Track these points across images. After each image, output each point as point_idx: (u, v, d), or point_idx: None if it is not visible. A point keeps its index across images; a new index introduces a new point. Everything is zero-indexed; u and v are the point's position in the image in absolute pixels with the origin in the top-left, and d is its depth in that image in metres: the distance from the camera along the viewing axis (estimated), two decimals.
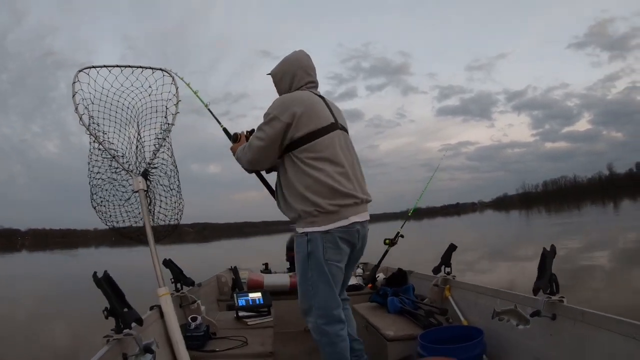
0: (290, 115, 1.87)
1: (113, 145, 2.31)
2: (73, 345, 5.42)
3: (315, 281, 1.88)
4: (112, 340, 1.59)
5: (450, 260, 2.80)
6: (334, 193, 1.85)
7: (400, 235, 3.84)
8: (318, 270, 1.87)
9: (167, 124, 2.42)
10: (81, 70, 2.20)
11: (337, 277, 1.92)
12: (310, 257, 1.87)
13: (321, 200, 1.83)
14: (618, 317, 1.45)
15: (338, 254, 1.88)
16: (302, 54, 2.13)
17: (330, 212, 1.84)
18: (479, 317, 2.31)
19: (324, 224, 1.85)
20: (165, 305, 2.06)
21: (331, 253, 1.86)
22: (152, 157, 2.38)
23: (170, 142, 2.44)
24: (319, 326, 1.89)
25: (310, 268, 1.88)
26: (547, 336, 1.75)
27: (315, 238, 1.86)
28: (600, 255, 10.06)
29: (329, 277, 1.87)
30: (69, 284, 12.67)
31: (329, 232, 1.84)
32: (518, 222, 35.78)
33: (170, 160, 2.43)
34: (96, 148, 2.26)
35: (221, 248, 32.35)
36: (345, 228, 1.86)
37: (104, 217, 2.38)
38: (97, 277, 1.63)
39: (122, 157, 2.31)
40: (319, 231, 1.85)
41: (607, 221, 23.67)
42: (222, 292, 3.77)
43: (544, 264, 1.78)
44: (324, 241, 1.85)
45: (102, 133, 2.26)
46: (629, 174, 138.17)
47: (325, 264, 1.86)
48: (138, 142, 2.41)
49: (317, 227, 1.85)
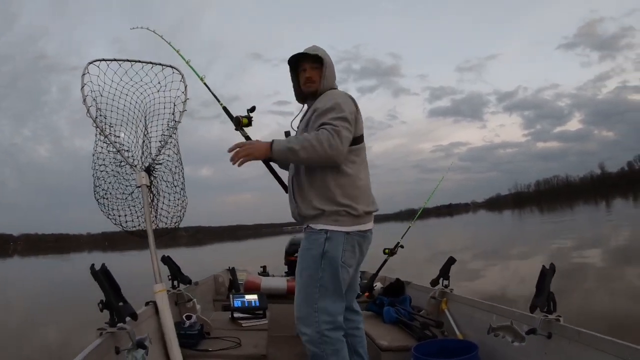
0: (354, 115, 1.83)
1: (118, 138, 2.32)
2: (65, 344, 5.43)
3: (325, 282, 1.79)
4: (106, 333, 1.59)
5: (448, 273, 2.78)
6: (366, 198, 1.85)
7: (400, 246, 3.82)
8: (332, 271, 1.78)
9: (174, 121, 2.43)
10: (91, 62, 2.22)
11: (346, 282, 1.84)
12: (325, 256, 1.78)
13: (353, 202, 1.80)
14: (613, 339, 1.44)
15: (353, 258, 1.83)
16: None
17: (358, 215, 1.80)
18: (475, 331, 2.30)
19: (347, 225, 1.79)
20: (160, 301, 2.06)
21: (348, 256, 1.80)
22: (157, 153, 2.38)
23: (176, 139, 2.44)
24: (321, 333, 1.76)
25: (323, 268, 1.78)
26: (542, 354, 1.73)
27: (336, 237, 1.78)
28: (591, 254, 10.01)
29: (340, 281, 1.80)
30: (65, 288, 12.68)
31: (350, 233, 1.80)
32: (511, 222, 35.65)
33: (175, 158, 2.44)
34: (102, 141, 2.27)
35: (216, 251, 32.26)
36: (363, 233, 1.84)
37: (106, 210, 2.38)
38: (94, 269, 1.64)
39: (128, 151, 2.32)
40: (342, 231, 1.78)
41: (599, 219, 23.54)
42: (219, 292, 3.76)
43: (543, 281, 1.77)
44: (345, 242, 1.79)
45: (108, 126, 2.28)
46: (621, 172, 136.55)
47: (340, 266, 1.78)
48: (144, 138, 2.42)
49: (341, 226, 1.79)
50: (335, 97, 1.83)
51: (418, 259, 10.60)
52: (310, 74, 1.95)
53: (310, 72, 1.95)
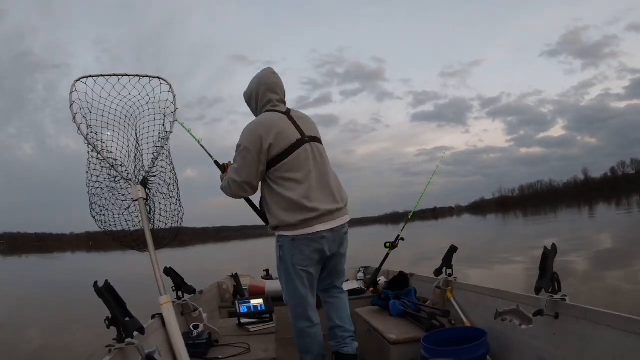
0: (258, 143, 2.03)
1: (111, 154, 2.30)
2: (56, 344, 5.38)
3: (285, 282, 2.13)
4: (115, 350, 1.58)
5: (451, 262, 2.80)
6: (298, 209, 2.02)
7: (401, 238, 3.83)
8: (286, 273, 2.10)
9: (165, 132, 2.42)
10: (79, 79, 2.20)
11: (306, 279, 2.09)
12: (281, 261, 2.11)
13: (286, 214, 2.03)
14: (621, 313, 1.45)
15: (305, 259, 2.06)
16: (266, 72, 2.24)
17: (295, 224, 2.03)
18: (482, 318, 2.31)
19: (291, 232, 2.04)
20: (167, 313, 2.05)
21: (298, 258, 2.05)
22: (150, 165, 2.37)
23: (168, 150, 2.44)
24: (292, 322, 2.16)
25: (282, 271, 2.13)
26: (550, 335, 1.75)
27: (284, 244, 2.08)
28: (574, 258, 10.11)
29: (295, 279, 2.08)
30: (52, 287, 12.52)
31: (295, 239, 2.04)
32: (496, 225, 35.96)
33: (169, 168, 2.43)
34: (94, 157, 2.26)
35: (200, 253, 32.12)
36: (309, 235, 2.03)
37: (104, 226, 2.37)
38: (98, 287, 1.63)
39: (121, 165, 2.31)
40: (287, 238, 2.06)
41: (582, 224, 23.92)
42: (224, 299, 3.76)
43: (546, 262, 1.78)
44: (292, 247, 2.05)
45: (100, 142, 2.26)
46: (604, 178, 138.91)
47: (292, 267, 2.07)
48: (136, 151, 2.41)
49: (286, 233, 2.06)
50: (241, 135, 2.12)
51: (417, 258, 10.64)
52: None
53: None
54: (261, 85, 2.20)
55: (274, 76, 2.24)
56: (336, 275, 2.28)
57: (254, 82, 2.24)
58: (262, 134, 2.04)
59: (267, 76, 2.23)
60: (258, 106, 2.23)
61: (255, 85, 2.22)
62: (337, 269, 2.26)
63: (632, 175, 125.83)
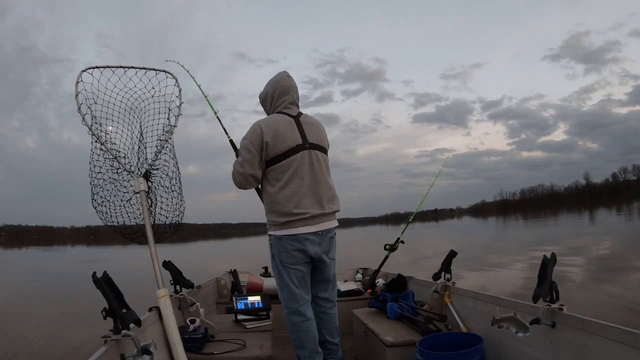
0: (259, 140, 2.14)
1: (115, 145, 2.31)
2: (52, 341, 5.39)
3: (278, 278, 2.23)
4: (110, 341, 1.59)
5: (450, 267, 2.79)
6: (285, 210, 2.13)
7: (401, 241, 3.83)
8: (277, 269, 2.22)
9: (169, 126, 2.42)
10: (85, 70, 2.21)
11: (295, 276, 2.18)
12: (273, 258, 2.24)
13: (274, 215, 2.16)
14: (617, 325, 1.45)
15: (290, 257, 2.16)
16: (282, 75, 2.33)
17: (281, 223, 2.14)
18: (478, 324, 2.30)
19: (278, 231, 2.17)
20: (164, 307, 2.05)
21: (284, 256, 2.16)
22: (154, 159, 2.38)
23: (172, 144, 2.44)
24: (286, 317, 2.22)
25: (274, 268, 2.25)
26: (546, 344, 1.74)
27: (274, 242, 2.20)
28: (573, 263, 10.08)
29: (284, 276, 2.18)
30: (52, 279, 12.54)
31: (280, 238, 2.16)
32: (495, 228, 35.75)
33: (172, 162, 2.44)
34: (98, 148, 2.26)
35: (199, 248, 32.05)
36: (293, 236, 2.13)
37: (105, 218, 2.37)
38: (96, 278, 1.63)
39: (124, 157, 2.31)
40: (275, 237, 2.19)
41: (582, 228, 23.77)
42: (222, 294, 3.76)
43: (545, 271, 1.78)
44: (278, 246, 2.17)
45: (104, 133, 2.27)
46: (605, 184, 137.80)
47: (280, 264, 2.18)
48: (140, 143, 2.42)
49: (274, 232, 2.19)
50: (248, 130, 2.21)
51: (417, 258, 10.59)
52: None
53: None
54: (277, 87, 2.29)
55: (289, 79, 2.32)
56: (326, 282, 2.31)
57: (270, 84, 2.32)
58: (263, 133, 2.14)
59: (283, 79, 2.31)
60: (271, 107, 2.32)
61: (271, 87, 2.31)
62: (325, 276, 2.30)
63: (633, 181, 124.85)
